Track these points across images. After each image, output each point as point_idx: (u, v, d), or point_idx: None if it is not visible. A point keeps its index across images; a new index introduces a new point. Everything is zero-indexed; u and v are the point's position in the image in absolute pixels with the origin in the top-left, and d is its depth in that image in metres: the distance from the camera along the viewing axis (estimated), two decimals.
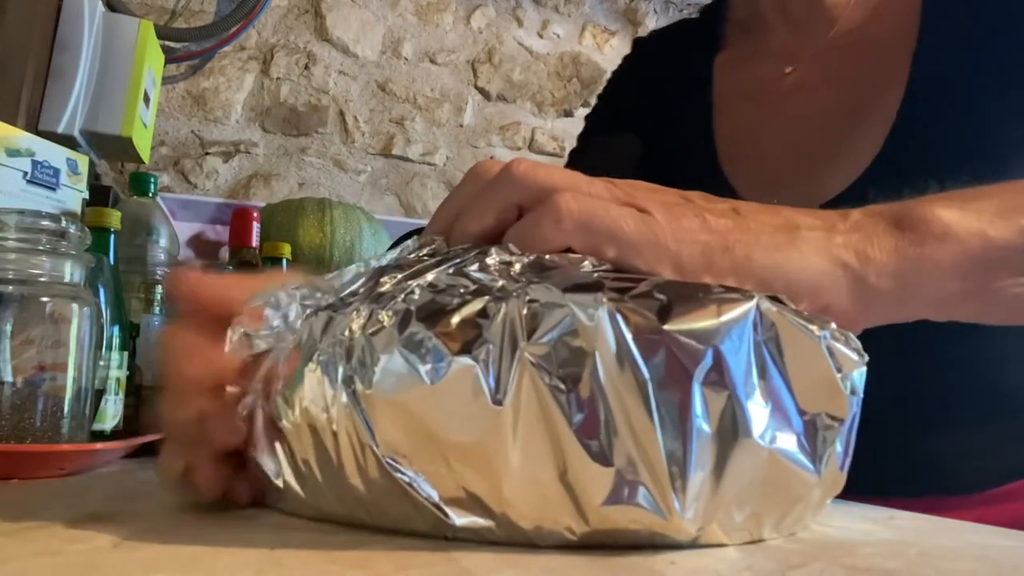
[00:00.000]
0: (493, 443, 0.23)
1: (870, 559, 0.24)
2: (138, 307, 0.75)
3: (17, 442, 0.46)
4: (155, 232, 0.80)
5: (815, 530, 0.29)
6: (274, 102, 1.68)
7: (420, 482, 0.24)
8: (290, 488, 0.28)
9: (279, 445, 0.28)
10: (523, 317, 0.24)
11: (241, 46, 1.66)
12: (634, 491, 0.23)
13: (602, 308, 0.23)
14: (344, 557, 0.23)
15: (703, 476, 0.23)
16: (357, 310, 0.26)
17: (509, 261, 0.28)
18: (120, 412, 0.64)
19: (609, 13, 1.99)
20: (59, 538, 0.25)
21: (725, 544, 0.25)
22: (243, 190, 1.64)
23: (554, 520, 0.24)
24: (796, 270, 0.30)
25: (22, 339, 0.47)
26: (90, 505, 0.33)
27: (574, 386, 0.23)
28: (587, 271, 0.27)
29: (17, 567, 0.21)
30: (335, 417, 0.26)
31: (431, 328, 0.24)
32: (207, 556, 0.23)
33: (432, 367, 0.24)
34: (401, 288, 0.26)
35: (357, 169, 1.74)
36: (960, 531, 0.31)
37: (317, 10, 1.73)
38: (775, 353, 0.25)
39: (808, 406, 0.25)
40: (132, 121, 1.13)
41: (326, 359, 0.26)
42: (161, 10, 1.59)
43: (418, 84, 1.80)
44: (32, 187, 0.66)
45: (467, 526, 0.24)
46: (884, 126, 0.54)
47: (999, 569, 0.25)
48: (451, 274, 0.27)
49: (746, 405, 0.24)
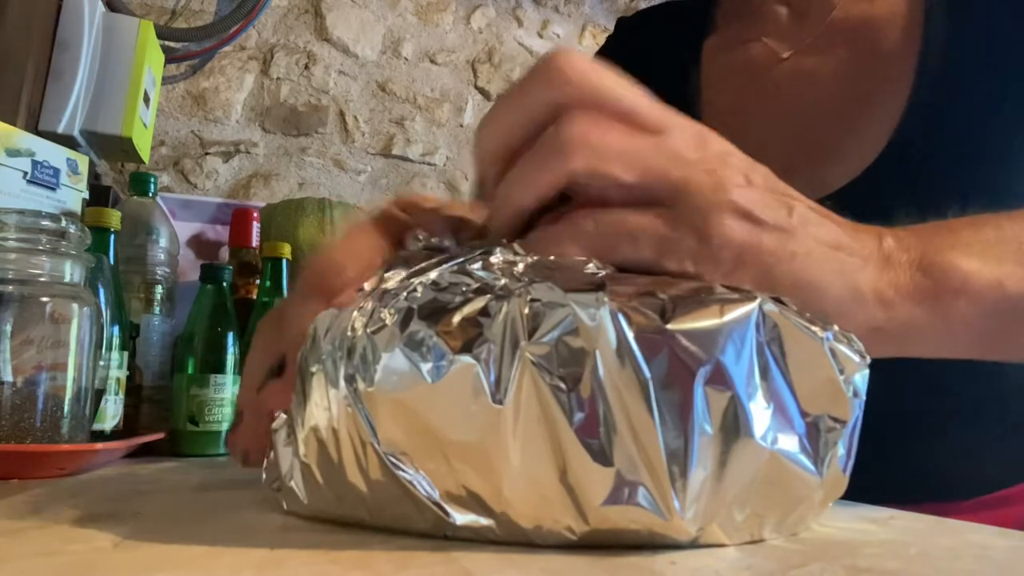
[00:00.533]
0: (493, 442, 0.23)
1: (870, 559, 0.24)
2: (138, 307, 0.75)
3: (17, 442, 0.46)
4: (155, 232, 0.80)
5: (815, 530, 0.29)
6: (274, 102, 1.68)
7: (421, 480, 0.24)
8: (291, 488, 0.28)
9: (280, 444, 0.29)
10: (524, 316, 0.24)
11: (241, 46, 1.66)
12: (634, 491, 0.23)
13: (604, 308, 0.23)
14: (344, 557, 0.23)
15: (704, 476, 0.23)
16: (360, 307, 0.26)
17: (512, 260, 0.28)
18: (120, 412, 0.64)
19: (609, 13, 1.98)
20: (59, 538, 0.25)
21: (725, 544, 0.25)
22: (243, 190, 1.64)
23: (554, 520, 0.24)
24: (818, 291, 0.29)
25: (22, 339, 0.47)
26: (90, 505, 0.33)
27: (575, 386, 0.23)
28: (591, 272, 0.27)
29: (17, 567, 0.21)
30: (336, 415, 0.26)
31: (432, 326, 0.24)
32: (207, 556, 0.23)
33: (433, 366, 0.24)
34: (404, 286, 0.26)
35: (357, 169, 1.73)
36: (960, 531, 0.31)
37: (317, 10, 1.73)
38: (777, 354, 0.25)
39: (810, 408, 0.25)
40: (132, 121, 1.13)
41: (328, 358, 0.26)
42: (161, 10, 1.59)
43: (418, 84, 1.80)
44: (32, 187, 0.66)
45: (467, 525, 0.24)
46: (892, 114, 0.51)
47: (999, 569, 0.25)
48: (454, 272, 0.27)
49: (748, 406, 0.24)
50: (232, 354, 0.72)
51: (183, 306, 0.78)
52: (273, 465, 0.29)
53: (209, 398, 0.70)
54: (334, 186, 1.71)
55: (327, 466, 0.27)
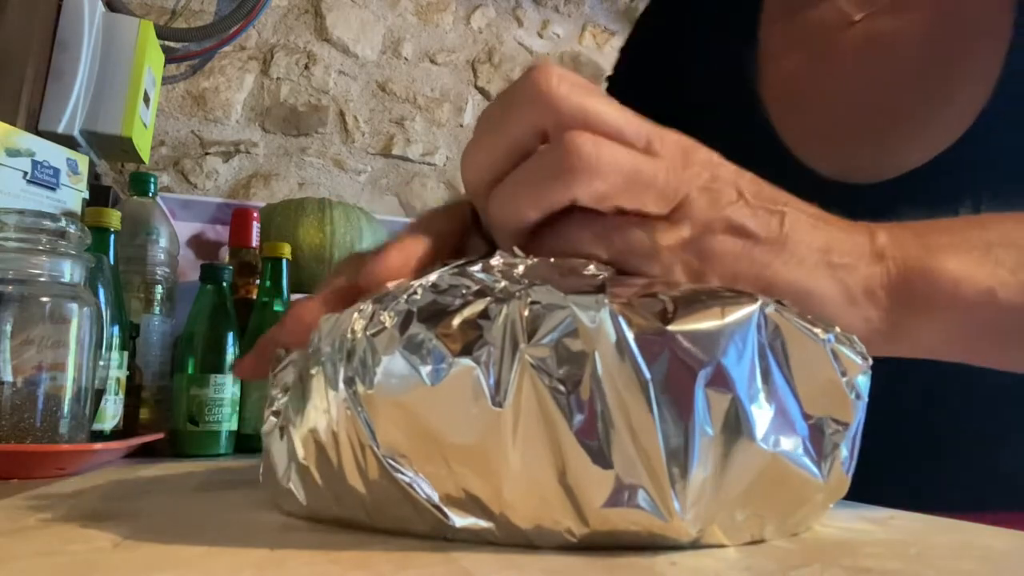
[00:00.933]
0: (493, 445, 0.23)
1: (870, 559, 0.24)
2: (138, 307, 0.75)
3: (17, 442, 0.46)
4: (155, 232, 0.80)
5: (815, 530, 0.29)
6: (274, 102, 1.68)
7: (420, 483, 0.24)
8: (290, 489, 0.28)
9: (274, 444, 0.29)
10: (524, 318, 0.23)
11: (241, 46, 1.66)
12: (634, 493, 0.23)
13: (604, 309, 0.23)
14: (344, 557, 0.23)
15: (704, 478, 0.23)
16: (360, 310, 0.26)
17: (512, 262, 0.28)
18: (120, 412, 0.64)
19: (609, 13, 1.98)
20: (59, 538, 0.25)
21: (726, 545, 0.25)
22: (243, 190, 1.64)
23: (554, 521, 0.24)
24: (812, 296, 0.30)
25: (22, 339, 0.47)
26: (90, 505, 0.33)
27: (575, 388, 0.23)
28: (591, 274, 0.27)
29: (17, 567, 0.21)
30: (336, 417, 0.26)
31: (432, 329, 0.24)
32: (207, 556, 0.23)
33: (433, 368, 0.24)
34: (404, 288, 0.26)
35: (357, 169, 1.73)
36: (960, 531, 0.31)
37: (317, 10, 1.73)
38: (779, 356, 0.25)
39: (813, 410, 0.25)
40: (132, 121, 1.13)
41: (327, 360, 0.26)
42: (161, 10, 1.59)
43: (418, 84, 1.80)
44: (32, 187, 0.66)
45: (467, 527, 0.24)
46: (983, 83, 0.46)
47: (999, 569, 0.25)
48: (454, 274, 0.27)
49: (749, 408, 0.24)
50: (232, 354, 0.72)
51: (183, 306, 0.78)
52: (270, 467, 0.29)
53: (209, 398, 0.70)
54: (334, 186, 1.71)
55: (326, 468, 0.27)
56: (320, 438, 0.26)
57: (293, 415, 0.28)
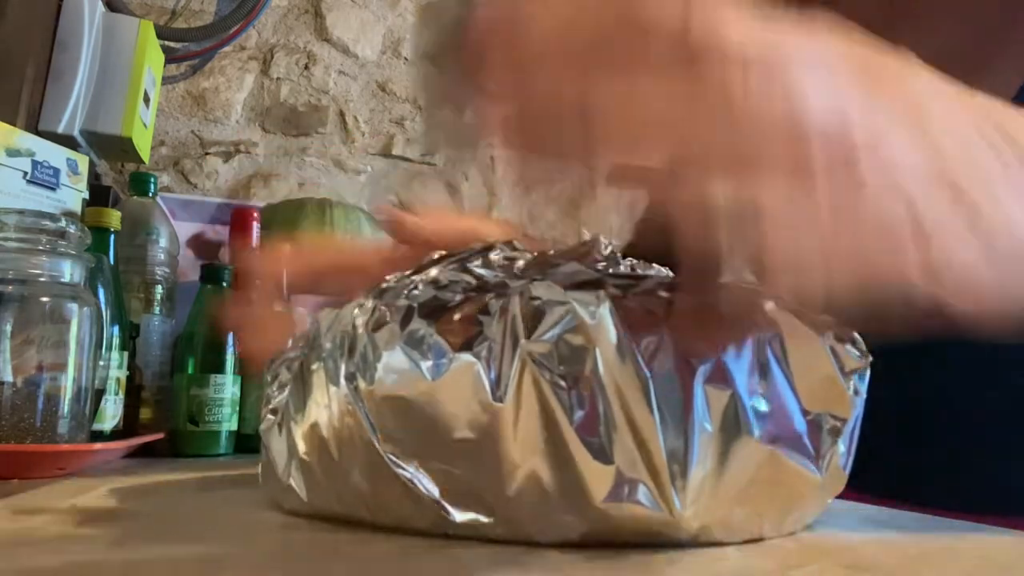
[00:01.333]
0: (493, 440, 0.23)
1: (870, 559, 0.24)
2: (138, 307, 0.75)
3: (17, 442, 0.46)
4: (155, 232, 0.80)
5: (815, 530, 0.29)
6: (274, 102, 1.68)
7: (421, 479, 0.24)
8: (291, 486, 0.28)
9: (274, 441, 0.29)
10: (524, 314, 0.23)
11: (241, 46, 1.66)
12: (634, 489, 0.23)
13: (604, 305, 0.23)
14: (345, 555, 0.23)
15: (704, 474, 0.23)
16: (361, 305, 0.26)
17: (513, 257, 0.28)
18: (120, 412, 0.64)
19: None
20: (59, 538, 0.25)
21: (725, 543, 0.25)
22: (243, 190, 1.64)
23: (554, 517, 0.24)
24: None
25: (22, 339, 0.47)
26: (90, 505, 0.33)
27: (575, 383, 0.23)
28: (591, 268, 0.27)
29: (17, 567, 0.21)
30: (337, 413, 0.26)
31: (433, 324, 0.24)
32: (207, 556, 0.23)
33: (433, 363, 0.24)
34: (405, 284, 0.26)
35: (357, 169, 1.73)
36: (960, 531, 0.31)
37: (317, 10, 1.73)
38: (778, 352, 0.25)
39: (811, 405, 0.25)
40: (132, 121, 1.13)
41: (328, 356, 0.26)
42: (161, 10, 1.59)
43: None
44: (32, 187, 0.66)
45: (467, 523, 0.24)
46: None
47: (999, 569, 0.25)
48: (454, 269, 0.27)
49: (748, 404, 0.24)
50: (232, 354, 0.72)
51: (183, 306, 0.78)
52: (269, 464, 0.29)
53: (209, 398, 0.70)
54: (334, 186, 1.71)
55: (327, 464, 0.27)
56: (321, 433, 0.26)
57: (294, 411, 0.28)
